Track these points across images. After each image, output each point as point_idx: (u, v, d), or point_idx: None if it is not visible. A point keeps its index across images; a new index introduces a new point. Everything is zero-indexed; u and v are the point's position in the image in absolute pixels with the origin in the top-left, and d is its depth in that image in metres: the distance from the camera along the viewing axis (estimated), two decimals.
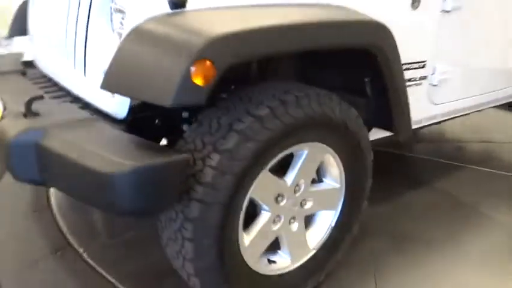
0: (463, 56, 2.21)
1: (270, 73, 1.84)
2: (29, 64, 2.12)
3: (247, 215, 1.53)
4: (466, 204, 2.48)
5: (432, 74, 2.10)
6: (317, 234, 1.76)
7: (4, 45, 2.75)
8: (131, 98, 1.27)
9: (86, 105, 1.60)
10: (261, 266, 1.60)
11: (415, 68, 2.01)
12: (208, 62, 1.16)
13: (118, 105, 1.45)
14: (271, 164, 1.47)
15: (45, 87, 1.81)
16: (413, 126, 2.15)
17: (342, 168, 1.70)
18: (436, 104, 2.21)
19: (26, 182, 1.39)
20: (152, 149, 1.25)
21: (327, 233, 1.77)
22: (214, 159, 1.33)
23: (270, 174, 1.49)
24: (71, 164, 1.23)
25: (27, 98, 1.42)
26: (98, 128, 1.38)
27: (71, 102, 1.63)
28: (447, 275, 1.91)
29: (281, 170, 1.57)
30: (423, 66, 2.05)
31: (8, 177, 2.39)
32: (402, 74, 1.79)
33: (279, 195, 1.56)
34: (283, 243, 1.66)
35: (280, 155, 1.48)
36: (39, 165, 1.33)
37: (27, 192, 2.44)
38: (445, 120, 2.43)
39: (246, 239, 1.52)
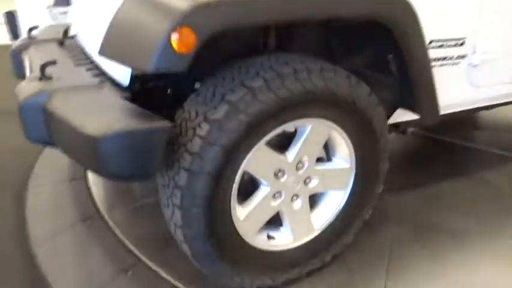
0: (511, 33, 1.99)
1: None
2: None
3: (249, 189, 1.53)
4: (509, 198, 2.27)
5: (473, 53, 1.92)
6: (323, 215, 1.71)
7: (59, 18, 2.93)
8: (120, 64, 1.30)
9: (102, 73, 1.67)
10: (259, 241, 1.59)
11: (451, 46, 1.85)
12: (188, 29, 1.16)
13: (121, 73, 1.49)
14: (269, 138, 1.44)
15: (75, 56, 1.91)
16: (450, 110, 2.00)
17: (351, 148, 1.63)
18: (477, 87, 2.02)
19: (37, 143, 1.49)
20: (139, 116, 1.27)
21: (335, 214, 1.71)
22: (204, 129, 1.33)
23: (267, 148, 1.47)
24: (65, 126, 1.29)
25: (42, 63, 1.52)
26: (98, 94, 1.44)
27: (88, 69, 1.70)
28: (468, 272, 1.77)
29: (286, 145, 1.54)
30: (462, 44, 1.87)
31: (49, 149, 2.58)
32: (424, 50, 1.65)
33: (279, 170, 1.53)
34: (285, 220, 1.63)
35: (279, 130, 1.45)
36: (46, 127, 1.42)
37: (67, 162, 2.59)
38: (492, 107, 2.22)
39: (242, 212, 1.51)
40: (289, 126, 1.47)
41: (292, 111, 1.42)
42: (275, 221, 1.64)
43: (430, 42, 1.76)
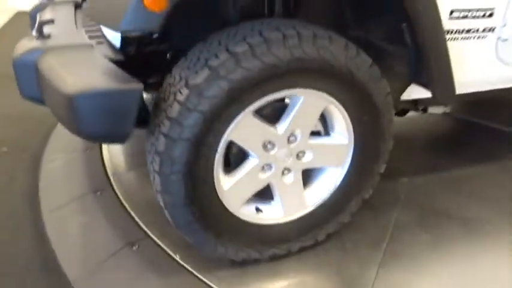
0: None
1: None
2: None
3: (238, 160, 1.49)
4: None
5: (503, 26, 1.73)
6: (318, 191, 1.64)
7: None
8: (101, 25, 1.28)
9: (104, 36, 1.66)
10: (246, 212, 1.55)
11: (477, 17, 1.67)
12: None
13: (113, 35, 1.47)
14: (256, 107, 1.38)
15: (84, 18, 1.92)
16: (474, 89, 1.83)
17: (350, 124, 1.53)
18: (507, 64, 1.82)
19: (30, 100, 1.51)
20: (115, 77, 1.25)
21: (330, 191, 1.63)
22: (183, 94, 1.29)
23: (254, 118, 1.41)
24: (48, 83, 1.30)
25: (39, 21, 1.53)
26: (88, 54, 1.43)
27: (91, 31, 1.70)
28: (467, 263, 1.65)
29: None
30: (490, 15, 1.69)
31: None
32: (437, 19, 1.50)
33: (268, 142, 1.47)
34: (276, 194, 1.58)
35: (267, 99, 1.38)
36: (38, 84, 1.43)
37: None
38: None
39: (228, 182, 1.47)
40: (279, 96, 1.40)
41: (281, 80, 1.35)
42: (267, 194, 1.60)
43: (452, 12, 1.61)
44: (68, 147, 2.43)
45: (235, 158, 1.50)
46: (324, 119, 1.56)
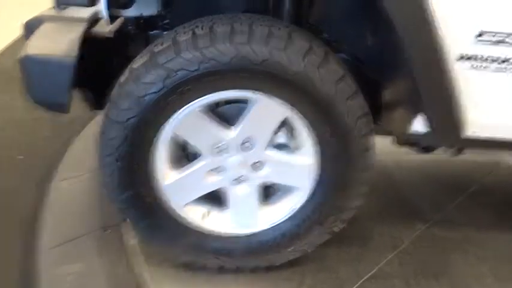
0: None
1: None
2: None
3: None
4: None
5: None
6: (275, 211, 1.48)
7: None
8: None
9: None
10: (189, 214, 1.46)
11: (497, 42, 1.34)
12: None
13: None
14: (205, 104, 1.30)
15: None
16: (500, 135, 1.46)
17: (314, 142, 1.35)
18: None
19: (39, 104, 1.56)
20: (63, 49, 1.30)
21: (287, 215, 1.46)
22: (124, 76, 1.28)
23: (204, 116, 1.33)
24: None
25: None
26: (72, 27, 1.48)
27: None
28: None
29: None
30: None
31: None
32: (427, 36, 1.23)
33: (219, 145, 1.37)
34: (227, 203, 1.47)
35: (217, 97, 1.29)
36: None
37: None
38: None
39: (172, 176, 1.41)
40: (231, 96, 1.30)
41: (226, 78, 1.25)
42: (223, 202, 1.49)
43: (480, 35, 1.32)
44: (82, 165, 2.16)
45: (191, 154, 1.43)
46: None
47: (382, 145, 1.54)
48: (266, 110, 1.32)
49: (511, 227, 1.82)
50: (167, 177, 1.41)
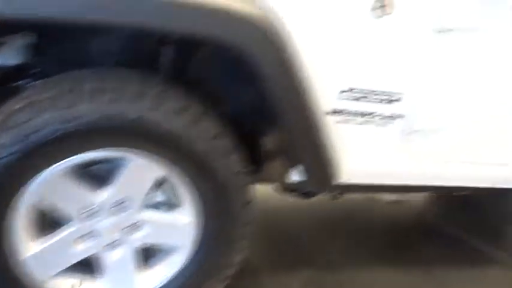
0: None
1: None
2: None
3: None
4: None
5: (411, 115, 1.49)
6: (155, 275, 1.38)
7: None
8: None
9: None
10: (56, 286, 1.31)
11: (378, 101, 1.44)
12: None
13: None
14: (68, 166, 1.18)
15: None
16: (371, 181, 1.55)
17: (192, 200, 1.30)
18: (417, 159, 1.57)
19: None
20: None
21: (169, 277, 1.37)
22: None
23: (67, 178, 1.20)
24: None
25: None
26: None
27: None
28: None
29: None
30: (396, 100, 1.46)
31: None
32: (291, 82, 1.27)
33: (87, 209, 1.25)
34: (101, 271, 1.34)
35: (81, 159, 1.18)
36: None
37: None
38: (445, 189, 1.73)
39: (34, 246, 1.25)
40: (96, 156, 1.20)
41: (93, 138, 1.16)
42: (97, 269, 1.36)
43: (343, 92, 1.40)
44: None
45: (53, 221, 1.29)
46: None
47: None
48: (139, 170, 1.24)
49: (391, 264, 1.93)
50: (28, 248, 1.25)
